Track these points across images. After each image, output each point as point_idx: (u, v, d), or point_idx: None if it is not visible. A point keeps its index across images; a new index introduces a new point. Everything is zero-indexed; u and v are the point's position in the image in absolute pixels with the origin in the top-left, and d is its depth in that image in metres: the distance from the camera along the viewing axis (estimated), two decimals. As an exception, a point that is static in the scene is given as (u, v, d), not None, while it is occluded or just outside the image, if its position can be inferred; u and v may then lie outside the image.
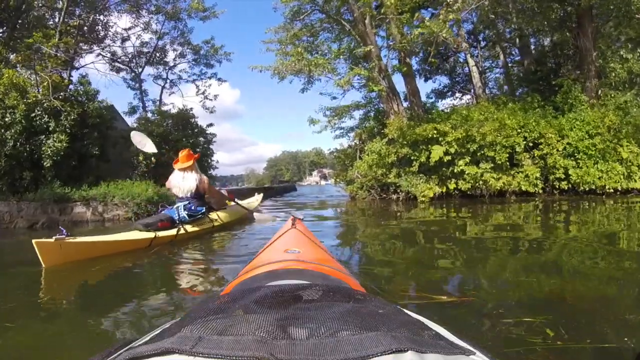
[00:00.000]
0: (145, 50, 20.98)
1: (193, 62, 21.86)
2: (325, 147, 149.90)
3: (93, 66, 18.90)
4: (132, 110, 19.86)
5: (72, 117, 12.30)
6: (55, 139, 11.87)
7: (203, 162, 17.13)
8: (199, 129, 17.70)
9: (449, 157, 12.31)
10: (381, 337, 0.46)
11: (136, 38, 20.38)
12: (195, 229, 5.97)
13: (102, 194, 11.03)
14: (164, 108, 19.20)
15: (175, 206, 5.88)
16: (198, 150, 16.94)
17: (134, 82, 21.26)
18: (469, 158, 12.58)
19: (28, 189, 11.76)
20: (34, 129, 12.09)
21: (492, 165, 12.62)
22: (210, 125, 18.57)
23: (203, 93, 22.03)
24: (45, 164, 11.70)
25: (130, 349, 0.48)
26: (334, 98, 16.63)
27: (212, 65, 21.76)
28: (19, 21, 16.31)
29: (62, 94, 12.58)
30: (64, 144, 11.82)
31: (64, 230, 4.35)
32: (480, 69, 22.50)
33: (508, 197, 12.96)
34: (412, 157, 12.62)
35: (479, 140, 12.31)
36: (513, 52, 22.23)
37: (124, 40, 20.65)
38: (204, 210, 6.11)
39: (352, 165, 14.84)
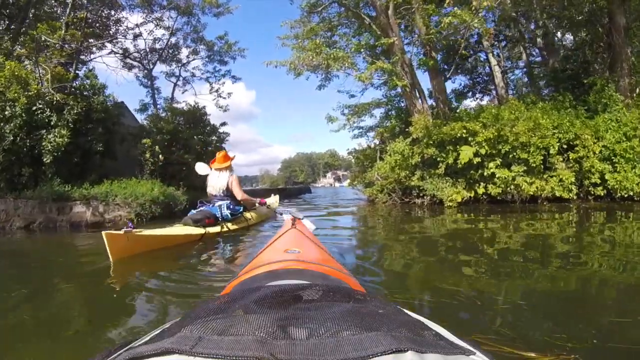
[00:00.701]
0: (157, 47, 19.99)
1: (206, 59, 20.82)
2: (340, 149, 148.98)
3: (101, 60, 17.91)
4: (144, 108, 18.85)
5: (76, 111, 11.31)
6: (56, 134, 10.86)
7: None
8: (211, 127, 16.60)
9: (479, 159, 11.07)
10: (381, 337, 0.45)
11: (148, 34, 19.38)
12: (235, 227, 6.30)
13: (104, 192, 9.97)
14: (177, 106, 18.08)
15: (217, 204, 6.08)
16: (210, 148, 15.93)
17: (147, 79, 20.25)
18: (500, 160, 11.35)
19: (27, 186, 10.75)
20: (35, 123, 11.13)
21: (525, 168, 11.36)
22: (224, 124, 17.54)
23: (217, 91, 20.97)
24: (45, 159, 10.70)
25: (131, 349, 0.47)
26: (352, 96, 15.52)
27: (226, 62, 20.75)
28: (30, 16, 15.44)
29: (66, 85, 11.58)
30: (66, 139, 10.82)
31: (131, 224, 4.51)
32: (502, 69, 21.22)
33: (540, 203, 11.69)
34: (438, 159, 11.39)
35: (512, 140, 11.07)
36: (533, 53, 21.00)
37: (135, 36, 19.69)
38: (241, 210, 6.56)
39: (371, 166, 13.63)
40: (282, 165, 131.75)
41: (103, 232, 4.14)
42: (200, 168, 7.43)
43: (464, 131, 11.02)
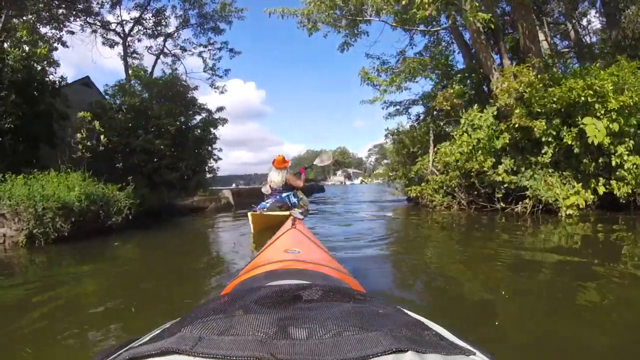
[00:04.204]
0: (136, 14, 15.50)
1: (198, 28, 16.16)
2: (350, 147, 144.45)
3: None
4: (122, 89, 14.17)
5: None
6: None
7: (201, 150, 11.58)
8: (198, 106, 12.06)
9: (608, 140, 6.49)
10: (381, 337, 0.43)
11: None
12: (300, 210, 6.31)
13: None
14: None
15: (284, 195, 6.54)
16: (197, 133, 11.53)
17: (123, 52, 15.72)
18: (632, 142, 6.76)
19: None
20: None
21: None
22: (221, 109, 13.11)
23: (212, 68, 16.44)
24: None
25: (130, 349, 0.45)
26: (384, 63, 10.73)
27: (221, 31, 16.11)
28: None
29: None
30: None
31: (256, 207, 6.31)
32: (550, 46, 16.69)
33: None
34: (544, 139, 6.71)
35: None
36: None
37: (114, 4, 15.31)
38: (301, 197, 7.09)
39: (423, 154, 8.94)
40: (292, 162, 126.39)
41: (249, 213, 5.95)
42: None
43: (590, 93, 6.37)
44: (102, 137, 7.36)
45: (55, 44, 14.36)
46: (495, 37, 8.30)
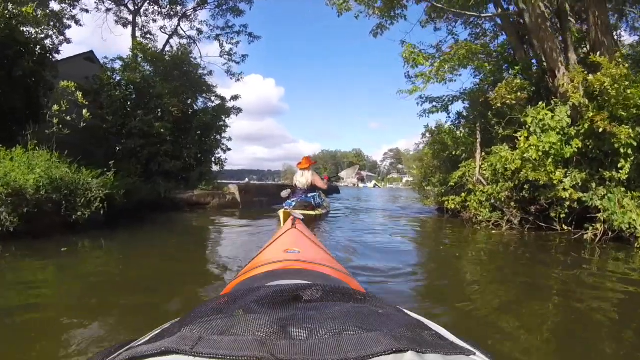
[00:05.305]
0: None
1: (216, 9, 14.98)
2: (365, 149, 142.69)
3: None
4: (123, 62, 12.71)
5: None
6: None
7: (208, 138, 10.43)
8: (207, 86, 10.87)
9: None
10: (381, 337, 0.43)
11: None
12: (324, 211, 7.60)
13: None
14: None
15: (309, 195, 7.09)
16: (205, 118, 10.34)
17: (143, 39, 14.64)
18: None
19: None
20: None
21: None
22: (236, 97, 12.15)
23: (228, 53, 15.26)
24: None
25: (130, 349, 0.45)
26: (420, 52, 9.34)
27: (240, 12, 14.90)
28: None
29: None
30: None
31: (286, 204, 6.58)
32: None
33: None
34: (622, 150, 5.33)
35: None
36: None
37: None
38: (324, 199, 7.93)
39: (467, 158, 7.61)
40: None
41: (280, 211, 5.75)
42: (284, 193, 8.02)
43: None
44: (84, 111, 6.16)
45: (68, 22, 13.50)
46: (561, 26, 6.93)
